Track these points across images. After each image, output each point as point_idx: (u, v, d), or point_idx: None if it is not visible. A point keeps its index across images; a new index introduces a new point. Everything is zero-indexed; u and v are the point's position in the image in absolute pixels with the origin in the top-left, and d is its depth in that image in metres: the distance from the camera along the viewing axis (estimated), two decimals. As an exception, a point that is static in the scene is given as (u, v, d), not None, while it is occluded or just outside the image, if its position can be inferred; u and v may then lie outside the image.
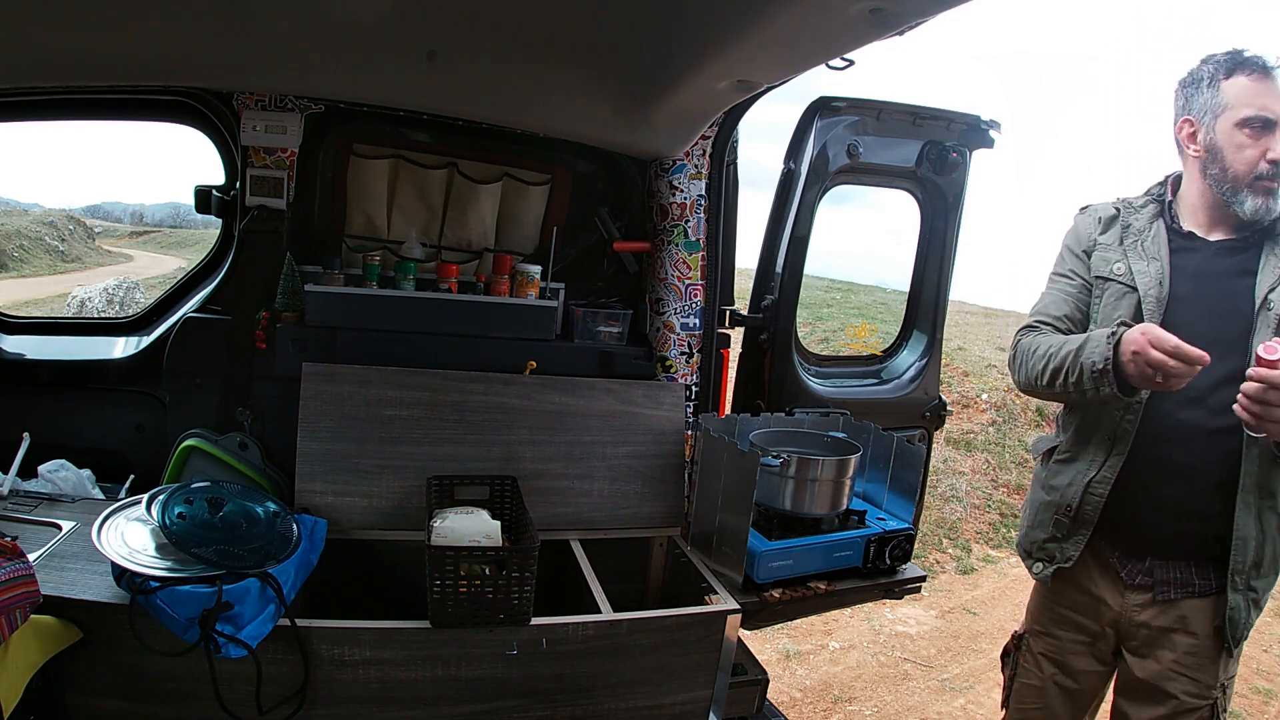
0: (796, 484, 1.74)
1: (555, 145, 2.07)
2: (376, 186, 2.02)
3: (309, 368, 1.78)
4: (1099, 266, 1.63)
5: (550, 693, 1.46)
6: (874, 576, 1.80)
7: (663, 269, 2.13)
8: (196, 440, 1.82)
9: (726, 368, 2.29)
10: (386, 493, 1.75)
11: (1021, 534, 1.76)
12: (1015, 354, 1.68)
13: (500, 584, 1.38)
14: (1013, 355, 1.69)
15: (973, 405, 5.96)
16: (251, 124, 1.81)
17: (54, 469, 1.74)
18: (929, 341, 2.47)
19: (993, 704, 3.07)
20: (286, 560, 1.40)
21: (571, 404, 1.93)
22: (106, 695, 1.34)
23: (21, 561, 1.17)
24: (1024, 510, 1.79)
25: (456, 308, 1.99)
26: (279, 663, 1.31)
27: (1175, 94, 1.59)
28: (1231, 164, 1.49)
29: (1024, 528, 1.75)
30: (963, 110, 2.23)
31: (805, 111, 2.11)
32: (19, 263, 14.11)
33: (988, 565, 4.56)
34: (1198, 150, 1.54)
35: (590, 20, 1.40)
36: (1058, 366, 1.52)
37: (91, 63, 1.58)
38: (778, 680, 3.08)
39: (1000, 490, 5.28)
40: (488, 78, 1.66)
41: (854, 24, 1.19)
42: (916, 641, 3.57)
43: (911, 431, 2.40)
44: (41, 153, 36.38)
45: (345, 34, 1.46)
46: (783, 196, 2.16)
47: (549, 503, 1.84)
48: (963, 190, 2.31)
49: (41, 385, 1.94)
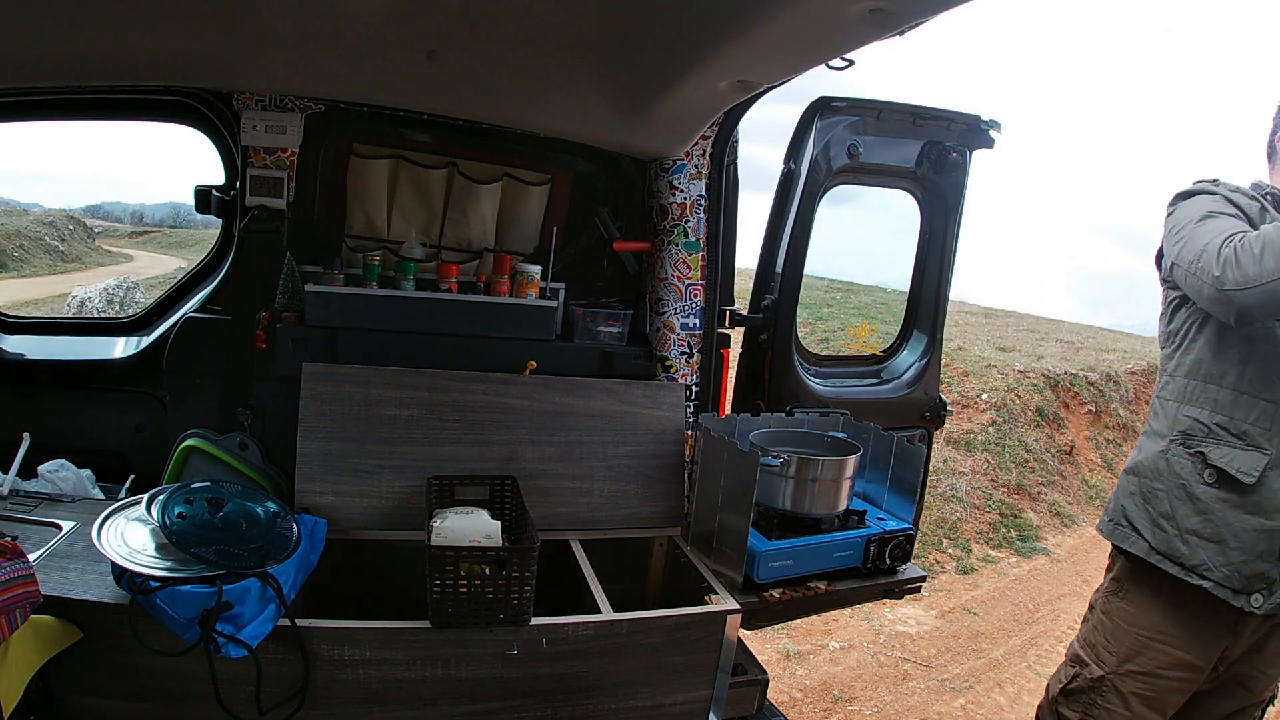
0: (796, 484, 1.74)
1: (555, 145, 2.07)
2: (376, 186, 2.02)
3: (309, 368, 1.78)
4: None
5: (550, 693, 1.46)
6: (874, 576, 1.80)
7: (663, 269, 2.13)
8: (196, 440, 1.81)
9: (726, 368, 2.29)
10: (386, 493, 1.75)
11: (1226, 573, 1.51)
12: (1247, 246, 1.38)
13: (500, 584, 1.38)
14: (1242, 248, 1.38)
15: (973, 405, 5.96)
16: (251, 124, 1.81)
17: (54, 469, 1.74)
18: (929, 341, 2.47)
19: (993, 704, 3.07)
20: (286, 560, 1.40)
21: (571, 404, 1.93)
22: (106, 695, 1.34)
23: (21, 561, 1.17)
24: (1212, 546, 1.52)
25: (456, 308, 1.98)
26: (279, 663, 1.31)
27: (1278, 109, 1.61)
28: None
29: (1230, 564, 1.51)
30: (963, 110, 2.23)
31: (805, 111, 2.10)
32: (19, 263, 14.12)
33: (988, 565, 4.56)
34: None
35: (590, 20, 1.40)
36: None
37: (91, 63, 1.57)
38: (778, 680, 3.08)
39: (1000, 490, 5.28)
40: (488, 77, 1.66)
41: (854, 24, 1.19)
42: (916, 641, 3.57)
43: (911, 431, 2.40)
44: (41, 153, 36.43)
45: (345, 34, 1.46)
46: (783, 196, 2.16)
47: (549, 503, 1.84)
48: (963, 190, 2.31)
49: (41, 385, 1.94)
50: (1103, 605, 1.71)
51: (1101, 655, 1.66)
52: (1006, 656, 3.50)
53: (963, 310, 10.12)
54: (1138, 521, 1.64)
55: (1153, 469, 1.62)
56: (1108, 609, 1.69)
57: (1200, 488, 1.53)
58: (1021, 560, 4.68)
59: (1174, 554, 1.56)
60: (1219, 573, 1.50)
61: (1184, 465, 1.56)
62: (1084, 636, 1.73)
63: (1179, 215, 1.58)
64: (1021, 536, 4.92)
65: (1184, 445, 1.57)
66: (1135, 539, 1.64)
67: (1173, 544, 1.56)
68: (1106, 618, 1.68)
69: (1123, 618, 1.65)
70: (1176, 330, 1.64)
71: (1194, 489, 1.54)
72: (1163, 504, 1.59)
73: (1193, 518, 1.54)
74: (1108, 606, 1.70)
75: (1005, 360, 6.83)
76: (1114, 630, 1.66)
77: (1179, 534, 1.55)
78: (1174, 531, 1.56)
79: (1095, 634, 1.70)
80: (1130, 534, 1.65)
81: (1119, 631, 1.65)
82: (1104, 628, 1.68)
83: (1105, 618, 1.69)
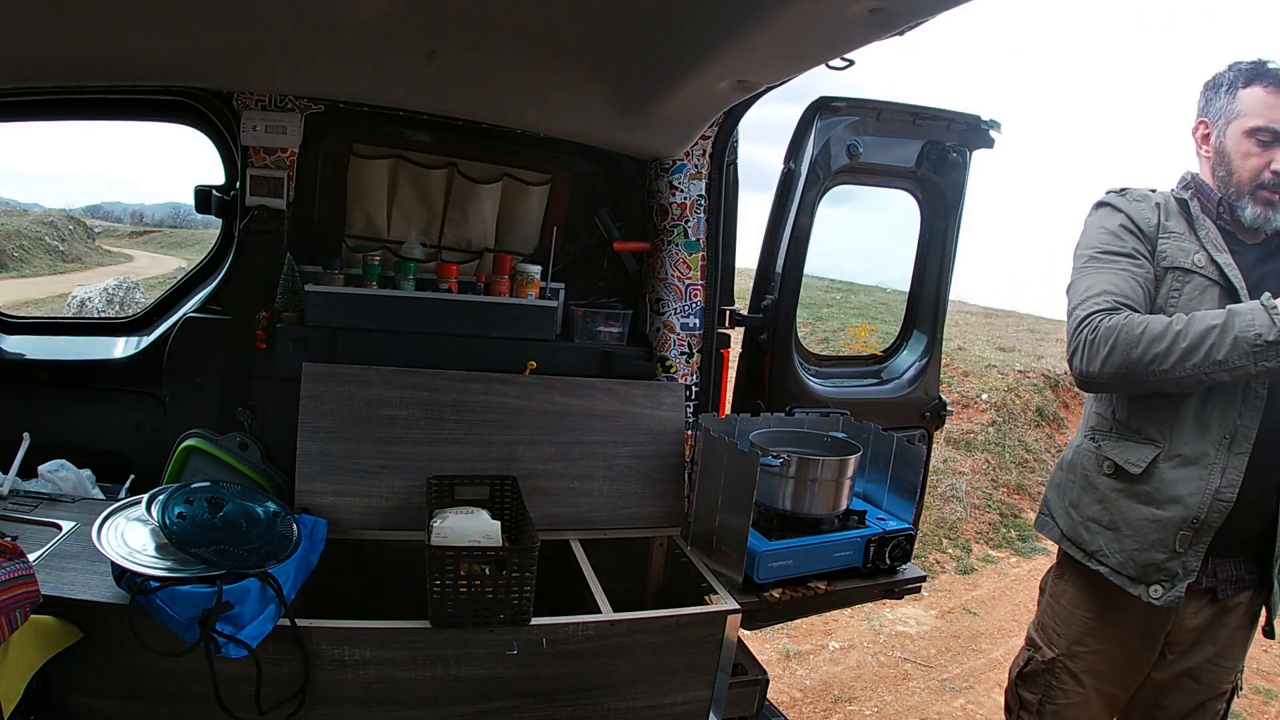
0: (796, 484, 1.74)
1: (555, 145, 2.07)
2: (376, 186, 2.02)
3: (309, 368, 1.78)
4: (1175, 256, 1.53)
5: (550, 693, 1.46)
6: (874, 576, 1.80)
7: (663, 269, 2.13)
8: (196, 440, 1.81)
9: (726, 368, 2.29)
10: (386, 493, 1.75)
11: (1120, 559, 1.55)
12: (1098, 338, 1.46)
13: (500, 584, 1.38)
14: (1092, 340, 1.47)
15: (973, 405, 5.96)
16: (251, 124, 1.81)
17: (54, 469, 1.74)
18: (929, 341, 2.47)
19: (993, 704, 3.07)
20: (286, 560, 1.40)
21: (571, 404, 1.93)
22: (106, 695, 1.34)
23: (21, 561, 1.17)
24: (1108, 533, 1.58)
25: (456, 308, 1.98)
26: (279, 663, 1.31)
27: (1199, 95, 1.61)
28: (1236, 170, 1.52)
29: (1125, 551, 1.55)
30: (963, 110, 2.23)
31: (805, 111, 2.10)
32: (19, 263, 14.13)
33: (988, 565, 4.56)
34: (1208, 152, 1.58)
35: (590, 20, 1.40)
36: (1193, 344, 1.37)
37: (91, 63, 1.58)
38: (778, 680, 3.08)
39: (1000, 490, 5.28)
40: (488, 77, 1.66)
41: (854, 24, 1.19)
42: (916, 641, 3.57)
43: (911, 431, 2.40)
44: (41, 153, 36.48)
45: (345, 34, 1.46)
46: (783, 196, 2.16)
47: (549, 503, 1.84)
48: (963, 190, 2.31)
49: (41, 385, 1.94)
50: (1051, 589, 1.76)
51: (1052, 637, 1.71)
52: (1006, 656, 3.50)
53: (963, 310, 10.13)
54: (1054, 510, 1.73)
55: (1068, 462, 1.73)
56: (1055, 592, 1.74)
57: (1099, 479, 1.62)
58: (1021, 560, 4.68)
59: (1078, 540, 1.65)
60: (1114, 559, 1.57)
61: (1088, 458, 1.65)
62: (1037, 620, 1.78)
63: (1081, 237, 1.66)
64: (1021, 536, 4.92)
65: (1091, 439, 1.66)
66: (1051, 526, 1.73)
67: (1077, 530, 1.65)
68: (1054, 600, 1.73)
69: (1067, 599, 1.70)
70: None
71: (1094, 479, 1.63)
72: (1072, 493, 1.68)
73: (1093, 506, 1.62)
74: (1055, 590, 1.74)
75: (1005, 360, 6.83)
76: (1060, 612, 1.71)
77: (1082, 521, 1.64)
78: (1079, 519, 1.65)
79: (1045, 616, 1.75)
80: (1049, 522, 1.75)
81: (1064, 613, 1.70)
82: (1053, 610, 1.73)
83: (1053, 600, 1.74)
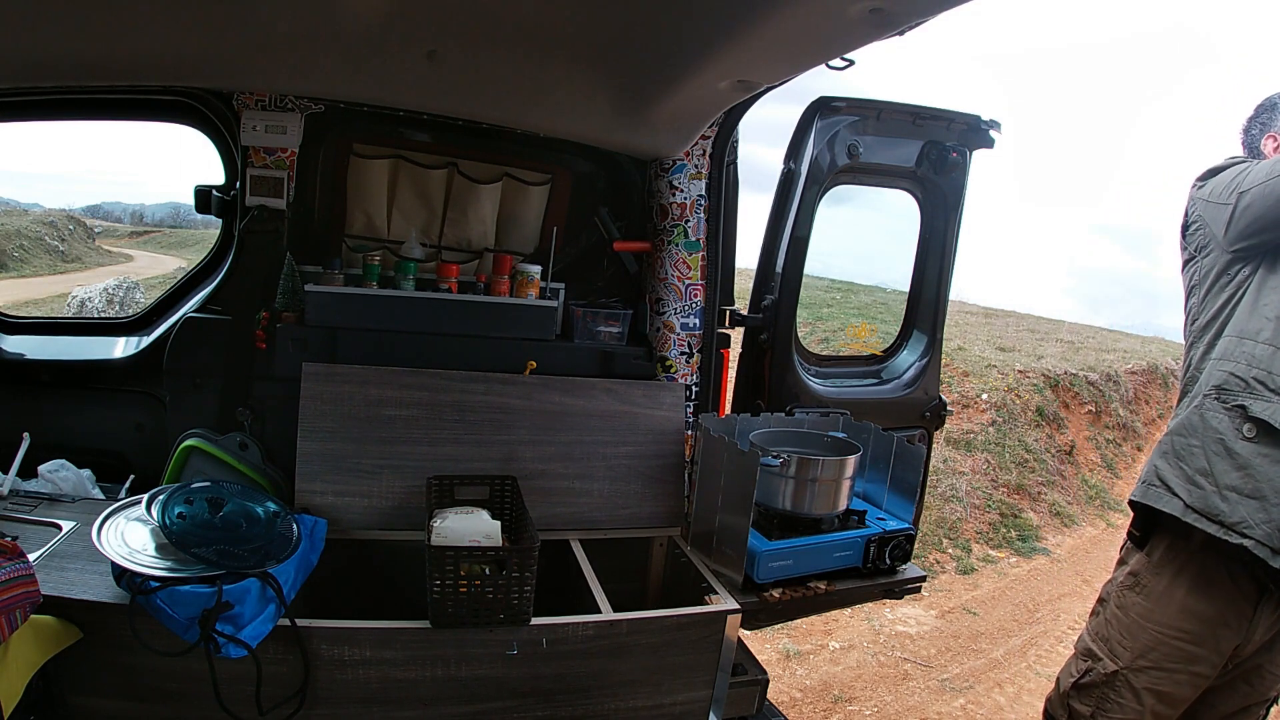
0: (796, 484, 1.74)
1: (555, 145, 2.07)
2: (376, 186, 2.02)
3: (309, 368, 1.78)
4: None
5: (550, 693, 1.46)
6: (874, 576, 1.80)
7: (663, 269, 2.13)
8: (196, 440, 1.81)
9: (726, 368, 2.29)
10: (386, 493, 1.75)
11: (1267, 530, 1.43)
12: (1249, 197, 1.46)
13: (500, 584, 1.38)
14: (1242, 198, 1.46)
15: (973, 405, 5.96)
16: (251, 124, 1.81)
17: (54, 469, 1.74)
18: (929, 341, 2.47)
19: (993, 704, 3.07)
20: (286, 560, 1.40)
21: (571, 404, 1.93)
22: (106, 695, 1.34)
23: (21, 561, 1.17)
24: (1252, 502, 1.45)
25: (456, 308, 1.98)
26: (279, 663, 1.31)
27: (1253, 115, 1.69)
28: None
29: (1273, 521, 1.43)
30: (963, 110, 2.23)
31: (805, 111, 2.11)
32: (19, 263, 14.12)
33: (988, 565, 4.56)
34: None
35: (590, 20, 1.40)
36: None
37: (91, 63, 1.57)
38: (778, 680, 3.08)
39: (1000, 490, 5.28)
40: (488, 77, 1.66)
41: (854, 24, 1.19)
42: (916, 641, 3.57)
43: (911, 431, 2.40)
44: (41, 153, 36.47)
45: (345, 34, 1.46)
46: (783, 196, 2.16)
47: (549, 503, 1.84)
48: (963, 190, 2.31)
49: (41, 385, 1.94)
50: (1117, 599, 1.68)
51: (1115, 649, 1.64)
52: (1006, 656, 3.50)
53: (963, 310, 10.12)
54: (1171, 480, 1.56)
55: (1187, 426, 1.56)
56: (1122, 603, 1.66)
57: (1240, 443, 1.47)
58: (1021, 560, 4.69)
59: (1212, 511, 1.48)
60: (1260, 530, 1.43)
61: (1221, 420, 1.50)
62: (1095, 630, 1.71)
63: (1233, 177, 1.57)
64: (1021, 536, 4.92)
65: (1219, 400, 1.51)
66: (1169, 498, 1.56)
67: (1210, 501, 1.49)
68: (1121, 612, 1.66)
69: (1138, 612, 1.63)
70: (1209, 289, 1.62)
71: (1232, 444, 1.48)
72: (1199, 460, 1.52)
73: (1232, 473, 1.47)
74: (1123, 600, 1.67)
75: (1005, 360, 6.83)
76: (1129, 625, 1.64)
77: (1217, 490, 1.48)
78: (1212, 488, 1.49)
79: (1108, 628, 1.67)
80: (1164, 494, 1.57)
81: (1134, 626, 1.62)
82: (1118, 622, 1.65)
83: (1120, 611, 1.66)
